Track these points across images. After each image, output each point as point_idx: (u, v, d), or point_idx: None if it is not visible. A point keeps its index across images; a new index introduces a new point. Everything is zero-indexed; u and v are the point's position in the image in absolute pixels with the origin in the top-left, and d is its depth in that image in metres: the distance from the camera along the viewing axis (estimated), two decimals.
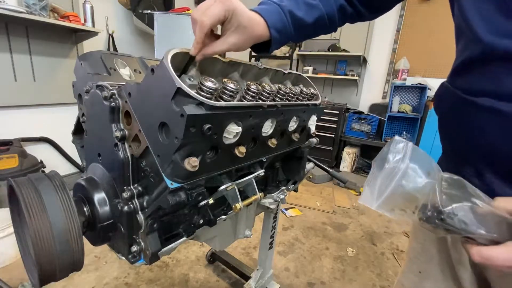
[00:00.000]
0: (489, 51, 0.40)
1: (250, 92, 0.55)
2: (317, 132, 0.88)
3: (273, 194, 0.92)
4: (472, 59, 0.44)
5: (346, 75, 3.77)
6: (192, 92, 0.43)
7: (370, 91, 3.88)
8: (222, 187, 0.62)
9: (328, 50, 3.77)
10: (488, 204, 0.34)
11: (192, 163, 0.47)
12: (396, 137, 0.40)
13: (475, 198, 0.34)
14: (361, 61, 3.70)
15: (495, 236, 0.34)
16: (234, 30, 0.49)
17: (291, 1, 0.58)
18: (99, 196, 0.57)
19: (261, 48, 0.60)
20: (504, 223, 0.34)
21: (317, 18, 0.61)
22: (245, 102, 0.54)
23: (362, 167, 3.76)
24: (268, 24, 0.54)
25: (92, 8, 2.20)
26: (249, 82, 0.56)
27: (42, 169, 2.10)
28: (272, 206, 0.92)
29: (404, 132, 3.51)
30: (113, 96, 0.54)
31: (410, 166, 0.37)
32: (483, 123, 0.41)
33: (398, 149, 0.39)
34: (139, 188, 0.56)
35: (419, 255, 0.65)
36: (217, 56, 0.58)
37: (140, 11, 2.64)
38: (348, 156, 3.58)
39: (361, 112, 3.78)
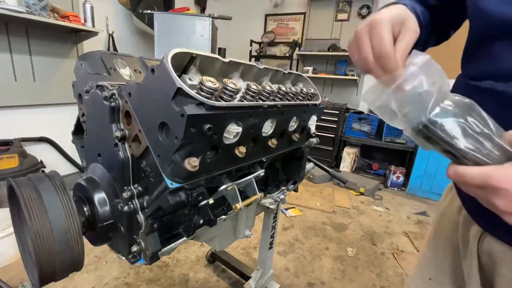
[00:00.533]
0: (492, 24, 0.40)
1: (250, 92, 0.55)
2: (317, 132, 0.88)
3: (273, 194, 0.92)
4: (477, 36, 0.45)
5: (346, 75, 3.77)
6: (192, 92, 0.43)
7: None
8: (222, 187, 0.62)
9: (328, 50, 3.77)
10: (498, 134, 0.33)
11: (192, 163, 0.47)
12: (415, 50, 0.40)
13: (480, 123, 0.33)
14: None
15: (489, 163, 0.33)
16: (401, 27, 0.45)
17: None
18: (99, 196, 0.57)
19: None
20: (505, 156, 0.32)
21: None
22: (245, 102, 0.54)
23: (362, 167, 3.76)
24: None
25: (92, 8, 2.20)
26: (249, 82, 0.56)
27: (42, 169, 2.10)
28: (272, 206, 0.92)
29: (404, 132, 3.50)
30: (113, 96, 0.54)
31: (414, 71, 0.37)
32: (485, 107, 0.39)
33: (413, 59, 0.39)
34: (139, 188, 0.56)
35: (430, 262, 0.65)
36: (217, 56, 0.58)
37: (140, 11, 2.64)
38: (348, 156, 3.58)
39: (361, 112, 3.77)
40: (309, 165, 1.01)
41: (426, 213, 2.73)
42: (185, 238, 0.65)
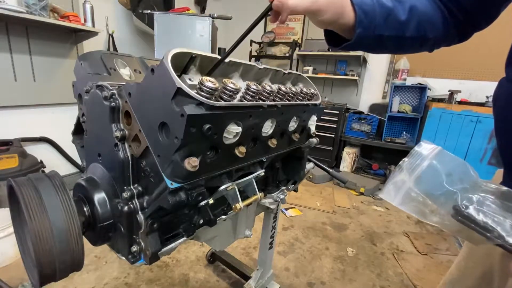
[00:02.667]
0: None
1: (250, 92, 0.55)
2: (317, 132, 0.88)
3: (273, 194, 0.92)
4: None
5: (346, 75, 3.77)
6: (192, 92, 0.43)
7: (370, 91, 3.88)
8: (222, 187, 0.62)
9: (328, 50, 3.77)
10: None
11: (192, 163, 0.47)
12: (424, 141, 0.40)
13: None
14: (361, 61, 3.70)
15: None
16: None
17: None
18: (99, 196, 0.57)
19: (341, 40, 0.53)
20: None
21: (410, 15, 0.51)
22: (245, 102, 0.54)
23: (362, 167, 3.76)
24: (352, 2, 0.49)
25: (92, 8, 2.20)
26: (249, 82, 0.56)
27: (42, 169, 2.10)
28: (272, 206, 0.92)
29: (404, 132, 3.51)
30: (113, 96, 0.54)
31: (429, 164, 0.36)
32: None
33: (422, 150, 0.38)
34: (139, 188, 0.56)
35: (457, 282, 0.64)
36: (217, 56, 0.58)
37: (140, 11, 2.64)
38: (348, 156, 3.58)
39: (361, 112, 3.77)
40: (309, 165, 1.01)
41: None
42: (185, 238, 0.65)
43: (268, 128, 0.65)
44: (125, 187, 0.55)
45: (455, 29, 0.56)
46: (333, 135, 3.60)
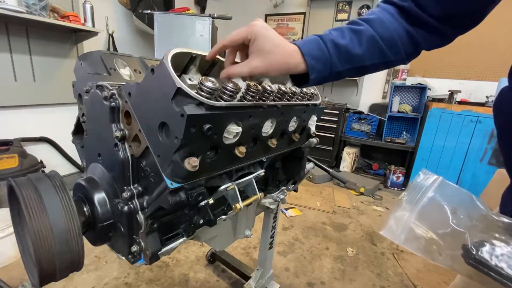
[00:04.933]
0: None
1: (250, 92, 0.55)
2: (317, 132, 0.88)
3: (273, 194, 0.92)
4: None
5: None
6: (192, 92, 0.43)
7: (370, 91, 3.88)
8: (222, 187, 0.62)
9: None
10: None
11: (192, 163, 0.47)
12: (423, 170, 0.37)
13: None
14: None
15: None
16: (256, 53, 0.49)
17: (336, 31, 0.52)
18: (99, 196, 0.57)
19: (304, 79, 0.55)
20: None
21: (368, 45, 0.51)
22: (245, 102, 0.54)
23: (362, 167, 3.76)
24: (301, 51, 0.50)
25: (92, 8, 2.20)
26: (249, 82, 0.56)
27: (42, 169, 2.10)
28: (272, 206, 0.92)
29: (404, 132, 3.51)
30: (113, 96, 0.54)
31: (431, 198, 0.34)
32: None
33: (422, 182, 0.36)
34: (139, 188, 0.56)
35: None
36: (217, 56, 0.58)
37: (140, 11, 2.64)
38: (348, 156, 3.58)
39: (361, 112, 3.77)
40: (309, 165, 1.01)
41: None
42: (185, 238, 0.65)
43: (268, 128, 0.65)
44: (125, 187, 0.55)
45: (433, 37, 0.54)
46: (333, 135, 3.60)
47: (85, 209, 0.57)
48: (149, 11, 2.55)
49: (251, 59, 0.49)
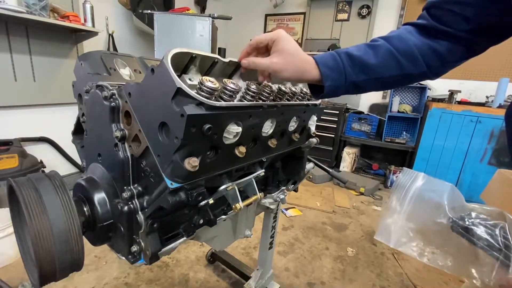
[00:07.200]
0: None
1: (250, 92, 0.55)
2: (317, 132, 0.88)
3: (273, 194, 0.92)
4: None
5: None
6: (192, 92, 0.43)
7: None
8: (222, 187, 0.62)
9: (328, 50, 3.77)
10: None
11: (192, 163, 0.47)
12: (405, 169, 0.40)
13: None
14: None
15: None
16: (277, 52, 0.54)
17: (353, 47, 0.56)
18: (99, 196, 0.57)
19: (321, 89, 0.57)
20: None
21: (384, 57, 0.53)
22: (245, 102, 0.54)
23: (362, 167, 3.76)
24: (316, 62, 0.54)
25: (92, 8, 2.20)
26: (249, 82, 0.56)
27: (42, 169, 2.10)
28: (272, 206, 0.92)
29: (404, 132, 3.51)
30: (113, 96, 0.54)
31: (417, 196, 0.36)
32: None
33: (406, 181, 0.38)
34: (139, 188, 0.56)
35: None
36: (217, 56, 0.58)
37: (140, 11, 2.64)
38: (348, 156, 3.58)
39: (361, 112, 3.77)
40: (309, 165, 1.01)
41: None
42: (185, 238, 0.65)
43: (268, 128, 0.65)
44: (125, 187, 0.55)
45: (457, 47, 0.54)
46: (333, 135, 3.60)
47: (85, 209, 0.57)
48: (149, 11, 2.55)
49: (272, 56, 0.54)
